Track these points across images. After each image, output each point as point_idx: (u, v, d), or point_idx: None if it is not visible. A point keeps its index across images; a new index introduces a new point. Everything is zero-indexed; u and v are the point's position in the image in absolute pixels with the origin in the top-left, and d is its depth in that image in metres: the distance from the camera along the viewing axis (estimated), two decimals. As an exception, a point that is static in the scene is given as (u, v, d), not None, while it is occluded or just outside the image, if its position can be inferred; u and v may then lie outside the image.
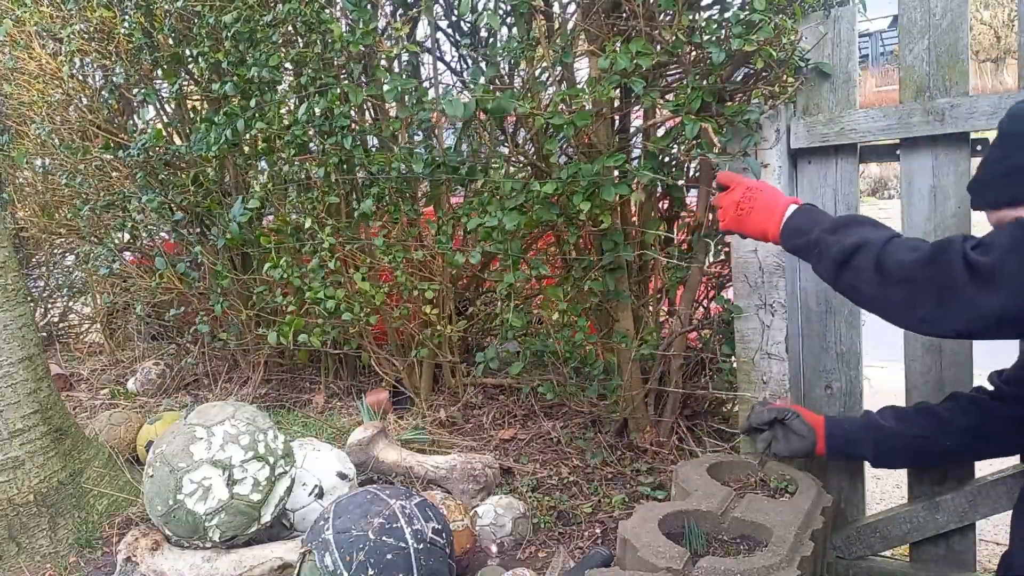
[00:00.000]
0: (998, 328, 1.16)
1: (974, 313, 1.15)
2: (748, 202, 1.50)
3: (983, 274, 1.13)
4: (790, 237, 1.45)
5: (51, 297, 4.89)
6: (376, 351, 3.04)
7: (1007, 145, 1.33)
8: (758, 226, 1.50)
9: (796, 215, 1.45)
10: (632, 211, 2.40)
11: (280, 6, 2.44)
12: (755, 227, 1.50)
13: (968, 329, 1.19)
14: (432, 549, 1.71)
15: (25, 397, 2.27)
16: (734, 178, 1.57)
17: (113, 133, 3.30)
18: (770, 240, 1.50)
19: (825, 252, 1.35)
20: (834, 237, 1.34)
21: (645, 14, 1.96)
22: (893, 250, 1.26)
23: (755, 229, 1.51)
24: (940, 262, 1.18)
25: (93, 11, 3.02)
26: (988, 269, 1.13)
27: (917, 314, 1.23)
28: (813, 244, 1.39)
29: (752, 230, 1.51)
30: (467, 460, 2.34)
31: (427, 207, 2.74)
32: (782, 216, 1.46)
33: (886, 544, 1.83)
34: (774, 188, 1.53)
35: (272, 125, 2.60)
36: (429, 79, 2.80)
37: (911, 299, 1.23)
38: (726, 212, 1.55)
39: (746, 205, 1.50)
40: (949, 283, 1.17)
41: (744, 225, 1.52)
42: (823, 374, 1.87)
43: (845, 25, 1.71)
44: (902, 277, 1.23)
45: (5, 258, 2.27)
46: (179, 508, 1.90)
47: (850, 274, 1.32)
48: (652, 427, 2.39)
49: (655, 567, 1.36)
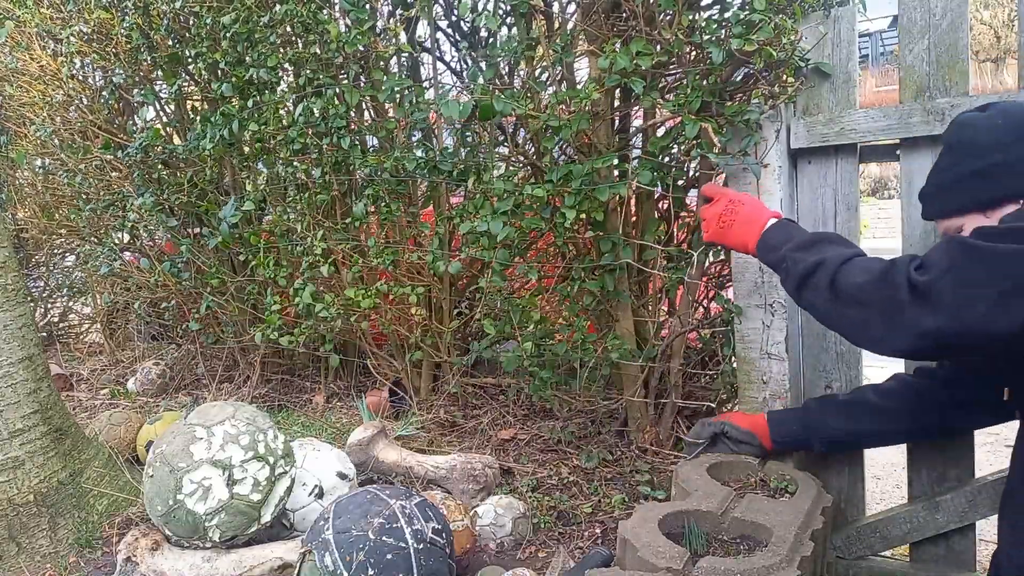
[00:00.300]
0: (939, 348, 1.18)
1: (916, 332, 1.15)
2: (730, 215, 1.53)
3: (921, 294, 1.14)
4: (764, 252, 1.47)
5: (51, 297, 4.89)
6: (375, 352, 3.04)
7: (953, 154, 1.36)
8: (739, 239, 1.52)
9: (771, 231, 1.47)
10: (632, 211, 2.40)
11: (278, 7, 2.44)
12: (736, 240, 1.53)
13: (912, 348, 1.20)
14: (432, 549, 1.71)
15: (25, 397, 2.27)
16: (717, 190, 1.61)
17: (113, 133, 3.31)
18: (750, 253, 1.52)
19: (791, 269, 1.37)
20: (799, 255, 1.37)
21: (645, 14, 1.96)
22: (848, 270, 1.27)
23: (736, 242, 1.54)
24: (887, 283, 1.19)
25: (92, 12, 3.02)
26: (925, 288, 1.14)
27: (868, 334, 1.24)
28: (780, 260, 1.41)
29: (733, 242, 1.54)
30: (467, 460, 2.34)
31: (424, 208, 2.74)
32: (761, 229, 1.49)
33: (886, 544, 1.83)
34: (757, 201, 1.56)
35: (268, 125, 2.60)
36: (429, 79, 2.80)
37: (862, 319, 1.24)
38: (709, 224, 1.58)
39: (727, 218, 1.53)
40: (895, 304, 1.18)
41: (726, 237, 1.55)
42: (823, 374, 1.87)
43: (845, 25, 1.71)
44: (853, 298, 1.25)
45: (5, 258, 2.27)
46: (179, 508, 1.90)
47: (808, 292, 1.34)
48: (652, 427, 2.39)
49: (655, 567, 1.36)
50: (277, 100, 2.62)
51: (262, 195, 2.83)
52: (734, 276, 1.89)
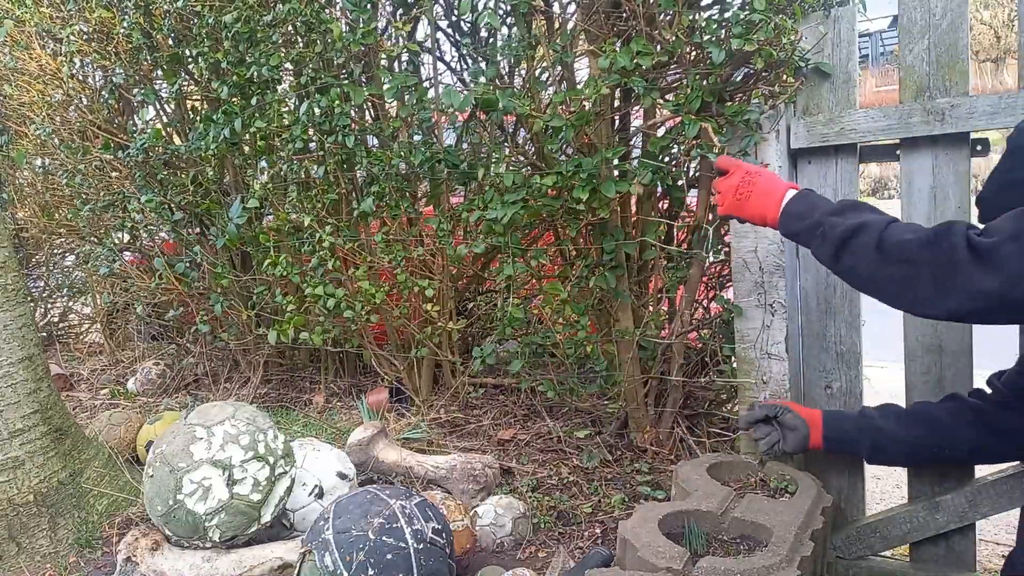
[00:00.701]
0: (993, 311, 1.16)
1: (972, 293, 1.15)
2: (747, 187, 1.50)
3: (984, 255, 1.14)
4: (789, 222, 1.44)
5: (51, 297, 4.89)
6: (376, 351, 3.04)
7: (1014, 157, 1.34)
8: (756, 211, 1.49)
9: (795, 200, 1.45)
10: (632, 211, 2.40)
11: (280, 6, 2.44)
12: (753, 211, 1.50)
13: (964, 309, 1.18)
14: (432, 549, 1.71)
15: (25, 397, 2.27)
16: (733, 163, 1.57)
17: (113, 133, 3.31)
18: (768, 225, 1.49)
19: (828, 233, 1.35)
20: (837, 219, 1.35)
21: (645, 14, 1.96)
22: (895, 230, 1.26)
23: (753, 214, 1.50)
24: (942, 242, 1.19)
25: (92, 11, 3.02)
26: (989, 250, 1.14)
27: (915, 294, 1.23)
28: (815, 226, 1.38)
29: (751, 214, 1.51)
30: (467, 460, 2.34)
31: (427, 206, 2.74)
32: (780, 201, 1.46)
33: (886, 544, 1.83)
34: (772, 174, 1.53)
35: (271, 124, 2.61)
36: (429, 79, 2.80)
37: (910, 279, 1.23)
38: (725, 197, 1.54)
39: (744, 190, 1.50)
40: (950, 263, 1.17)
41: (743, 210, 1.51)
42: (823, 374, 1.87)
43: (845, 25, 1.71)
44: (902, 256, 1.24)
45: (5, 258, 2.27)
46: (179, 508, 1.90)
47: (849, 255, 1.32)
48: (652, 427, 2.39)
49: (655, 567, 1.36)
50: (279, 99, 2.63)
51: (265, 193, 2.82)
52: (734, 276, 1.89)
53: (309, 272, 2.70)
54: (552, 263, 2.63)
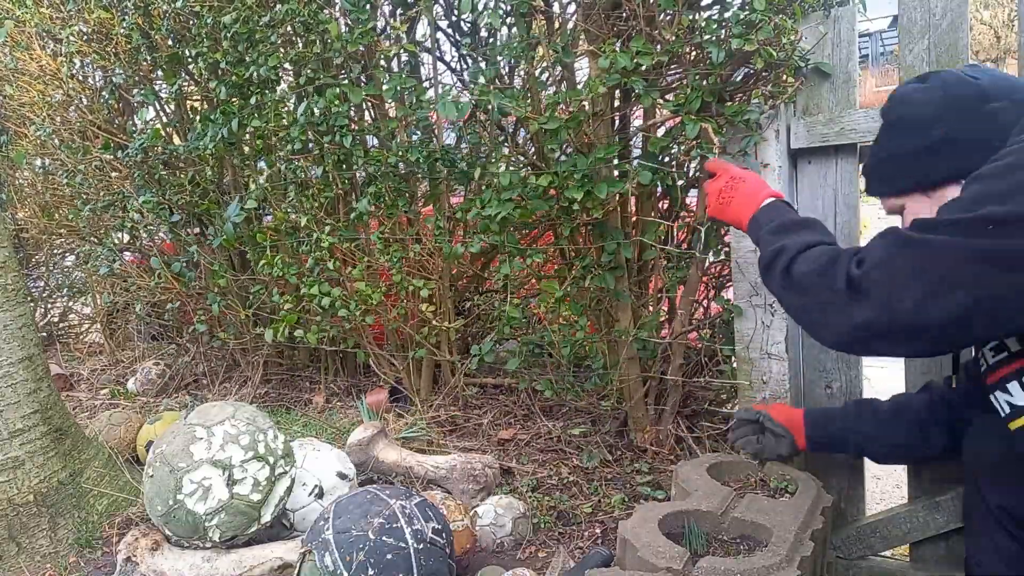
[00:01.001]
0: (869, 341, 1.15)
1: (850, 326, 1.14)
2: (729, 191, 1.51)
3: (855, 286, 1.13)
4: (752, 231, 1.46)
5: (51, 297, 4.89)
6: (376, 351, 3.04)
7: (892, 131, 1.34)
8: (735, 216, 1.50)
9: (762, 211, 1.45)
10: (631, 211, 2.40)
11: (278, 6, 2.44)
12: (733, 216, 1.51)
13: (844, 341, 1.19)
14: (432, 549, 1.71)
15: (25, 397, 2.27)
16: (721, 166, 1.58)
17: (113, 133, 3.31)
18: (743, 230, 1.50)
19: (761, 250, 1.37)
20: (770, 237, 1.36)
21: (645, 14, 1.96)
22: (802, 259, 1.26)
23: (733, 218, 1.51)
24: (827, 274, 1.19)
25: (91, 12, 3.02)
26: (860, 280, 1.13)
27: (810, 323, 1.24)
28: (756, 242, 1.42)
29: (730, 219, 1.52)
30: (467, 460, 2.34)
31: (426, 207, 2.74)
32: (757, 207, 1.47)
33: (886, 544, 1.83)
34: (758, 179, 1.53)
35: (269, 124, 2.61)
36: (429, 79, 2.80)
37: (806, 309, 1.24)
38: (710, 199, 1.56)
39: (727, 195, 1.51)
40: (830, 296, 1.17)
41: (724, 213, 1.53)
42: (823, 374, 1.87)
43: (845, 25, 1.71)
44: (799, 288, 1.25)
45: (5, 258, 2.27)
46: (179, 508, 1.90)
47: (768, 277, 1.34)
48: (652, 427, 2.39)
49: (655, 567, 1.36)
50: (278, 99, 2.63)
51: (263, 193, 2.82)
52: (734, 276, 1.89)
53: (306, 272, 2.70)
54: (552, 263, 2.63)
